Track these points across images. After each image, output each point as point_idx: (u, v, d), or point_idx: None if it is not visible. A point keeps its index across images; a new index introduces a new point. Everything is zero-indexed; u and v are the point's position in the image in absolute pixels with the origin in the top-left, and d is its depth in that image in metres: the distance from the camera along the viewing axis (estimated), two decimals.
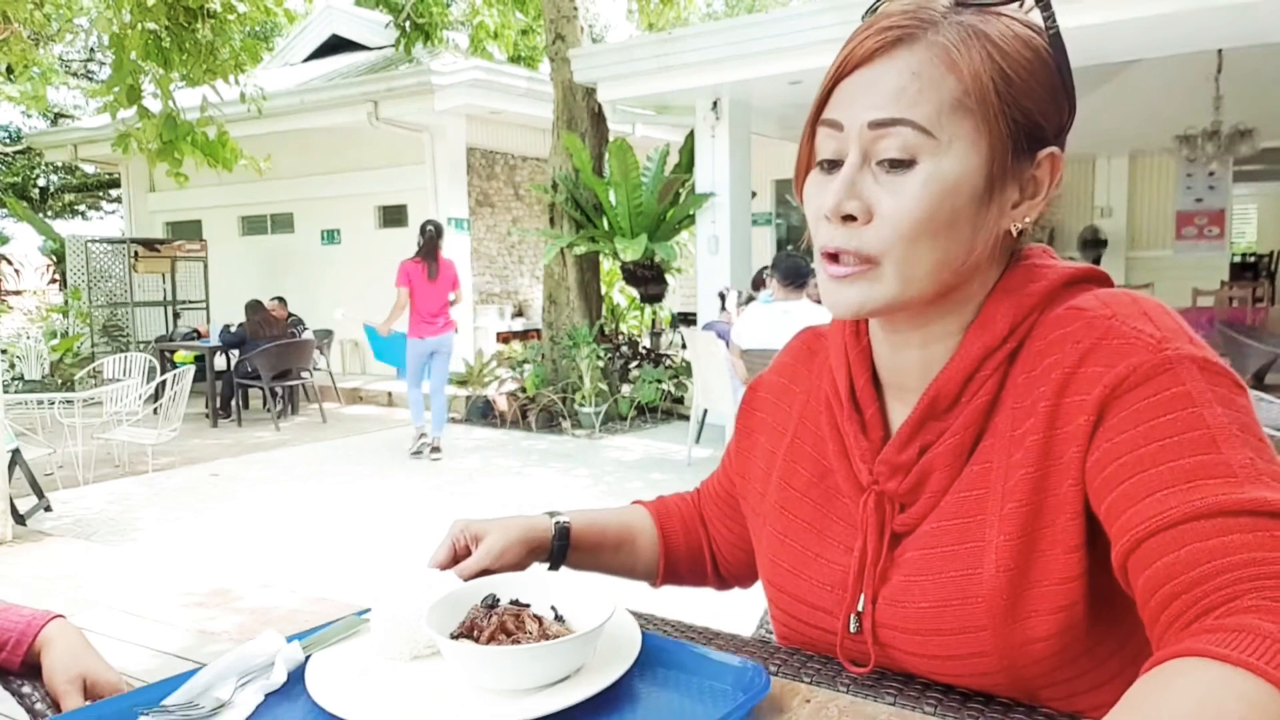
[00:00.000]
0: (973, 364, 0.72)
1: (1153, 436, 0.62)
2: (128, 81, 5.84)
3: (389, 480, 5.97)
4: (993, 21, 0.69)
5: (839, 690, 0.72)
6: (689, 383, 7.30)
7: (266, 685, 0.74)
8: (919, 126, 0.66)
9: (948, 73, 0.67)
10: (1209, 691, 0.49)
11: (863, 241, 0.69)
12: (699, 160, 7.88)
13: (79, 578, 4.10)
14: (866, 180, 0.68)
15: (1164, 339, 0.65)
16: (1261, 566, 0.55)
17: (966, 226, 0.69)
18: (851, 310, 0.72)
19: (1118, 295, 0.70)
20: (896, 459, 0.74)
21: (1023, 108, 0.68)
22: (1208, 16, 5.38)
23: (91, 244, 10.84)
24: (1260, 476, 0.58)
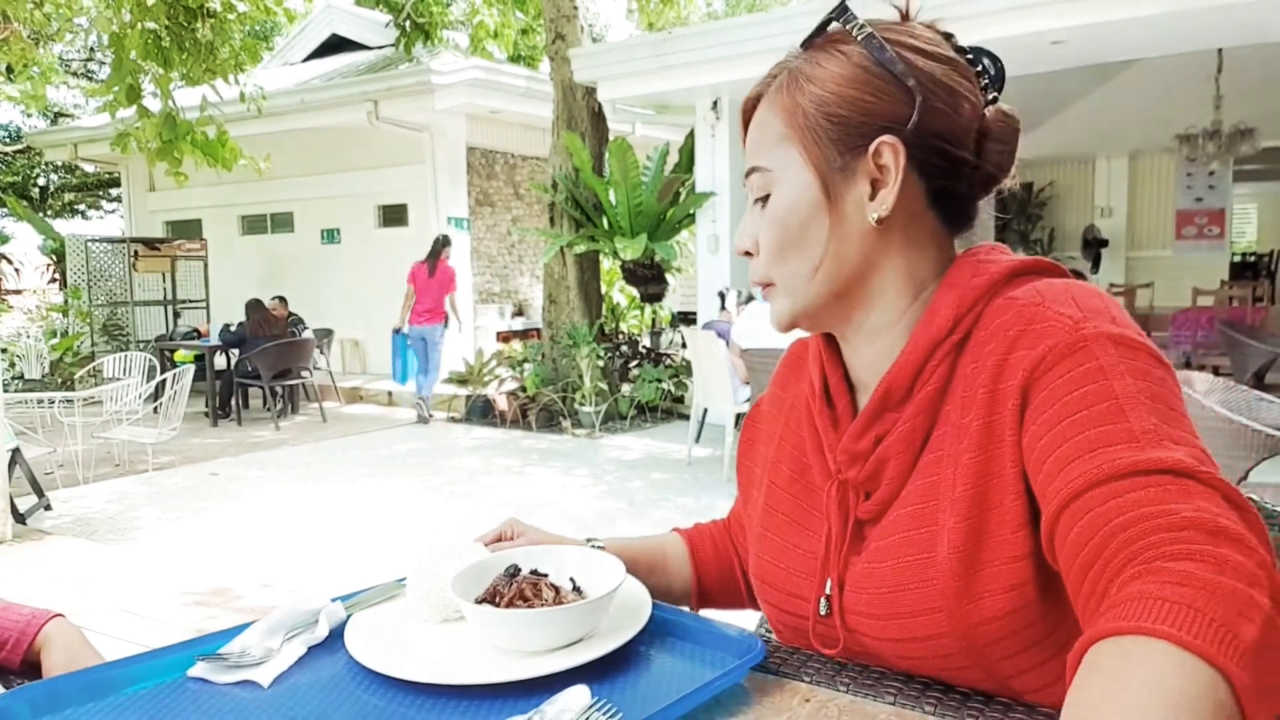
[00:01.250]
0: (921, 356, 0.76)
1: (1065, 412, 0.65)
2: (127, 81, 5.84)
3: (389, 480, 5.97)
4: (815, 56, 0.79)
5: (839, 690, 0.72)
6: (689, 382, 7.30)
7: (310, 639, 0.81)
8: (761, 169, 0.80)
9: (773, 117, 0.79)
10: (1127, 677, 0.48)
11: (757, 271, 0.82)
12: (699, 160, 7.89)
13: (79, 577, 4.10)
14: (754, 218, 0.82)
15: (1082, 319, 0.68)
16: (1151, 520, 0.56)
17: (821, 231, 0.78)
18: (779, 325, 0.83)
19: (1052, 284, 0.73)
20: (853, 447, 0.79)
21: (833, 116, 0.76)
22: (1208, 16, 5.38)
23: (91, 243, 10.84)
24: (1161, 440, 0.60)
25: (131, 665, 0.77)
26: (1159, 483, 0.58)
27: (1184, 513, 0.55)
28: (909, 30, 0.79)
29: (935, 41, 0.79)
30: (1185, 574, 0.51)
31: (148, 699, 0.73)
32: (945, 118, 0.76)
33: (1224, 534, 0.54)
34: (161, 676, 0.76)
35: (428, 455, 6.76)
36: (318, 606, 0.85)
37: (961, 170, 0.78)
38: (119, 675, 0.75)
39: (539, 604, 0.79)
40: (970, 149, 0.78)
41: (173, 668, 0.77)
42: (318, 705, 0.71)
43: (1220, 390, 3.24)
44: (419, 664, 0.75)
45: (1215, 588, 0.50)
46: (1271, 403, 3.21)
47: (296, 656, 0.79)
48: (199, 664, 0.76)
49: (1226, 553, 0.52)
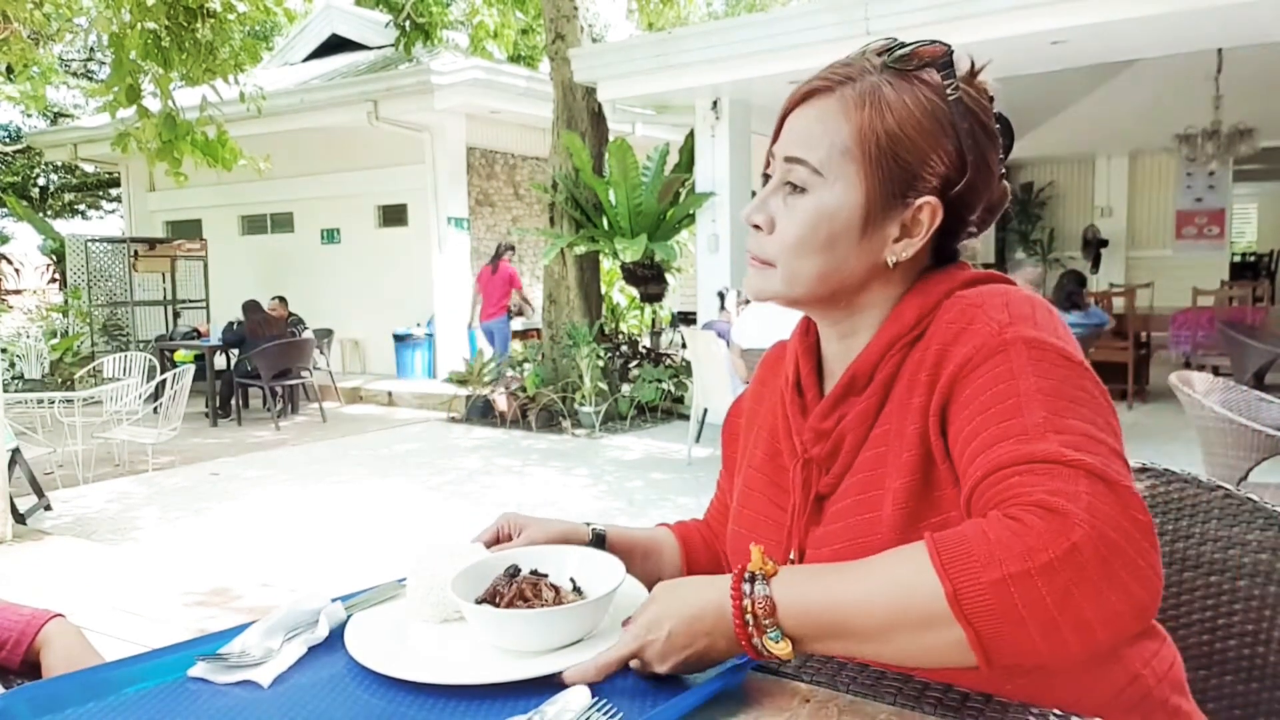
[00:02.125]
0: (884, 348, 0.84)
1: (978, 409, 0.74)
2: (127, 81, 5.83)
3: (389, 480, 5.97)
4: (900, 83, 0.82)
5: (839, 690, 0.72)
6: (689, 382, 7.30)
7: (310, 639, 0.82)
8: (810, 166, 0.83)
9: (844, 123, 0.82)
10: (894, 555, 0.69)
11: (763, 247, 0.87)
12: (699, 160, 7.88)
13: (79, 577, 4.10)
14: (777, 199, 0.85)
15: (1008, 324, 0.76)
16: (1011, 494, 0.67)
17: (843, 249, 0.83)
18: (754, 294, 0.89)
19: (995, 288, 0.82)
20: (819, 425, 0.88)
21: (902, 161, 0.82)
22: (1208, 16, 5.38)
23: (91, 243, 10.84)
24: (1046, 434, 0.69)
25: (132, 665, 0.77)
26: (1030, 470, 0.67)
27: (1035, 494, 0.65)
28: (977, 95, 0.85)
29: (988, 110, 0.86)
30: (988, 521, 0.65)
31: (148, 699, 0.73)
32: (976, 193, 0.85)
33: (1048, 508, 0.64)
34: (162, 676, 0.76)
35: (427, 455, 6.76)
36: (318, 607, 0.86)
37: (965, 230, 0.88)
38: (119, 675, 0.76)
39: (539, 604, 0.80)
40: (978, 215, 0.88)
41: (173, 668, 0.77)
42: (317, 705, 0.71)
43: (1220, 390, 3.24)
44: (419, 664, 0.75)
45: (998, 539, 0.63)
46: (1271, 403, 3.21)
47: (296, 656, 0.80)
48: (199, 664, 0.77)
49: (1033, 523, 0.63)
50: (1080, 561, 0.61)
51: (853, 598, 0.68)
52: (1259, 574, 1.06)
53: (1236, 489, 1.10)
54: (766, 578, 0.71)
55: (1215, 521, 1.10)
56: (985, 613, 0.62)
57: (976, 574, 0.62)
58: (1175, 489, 1.14)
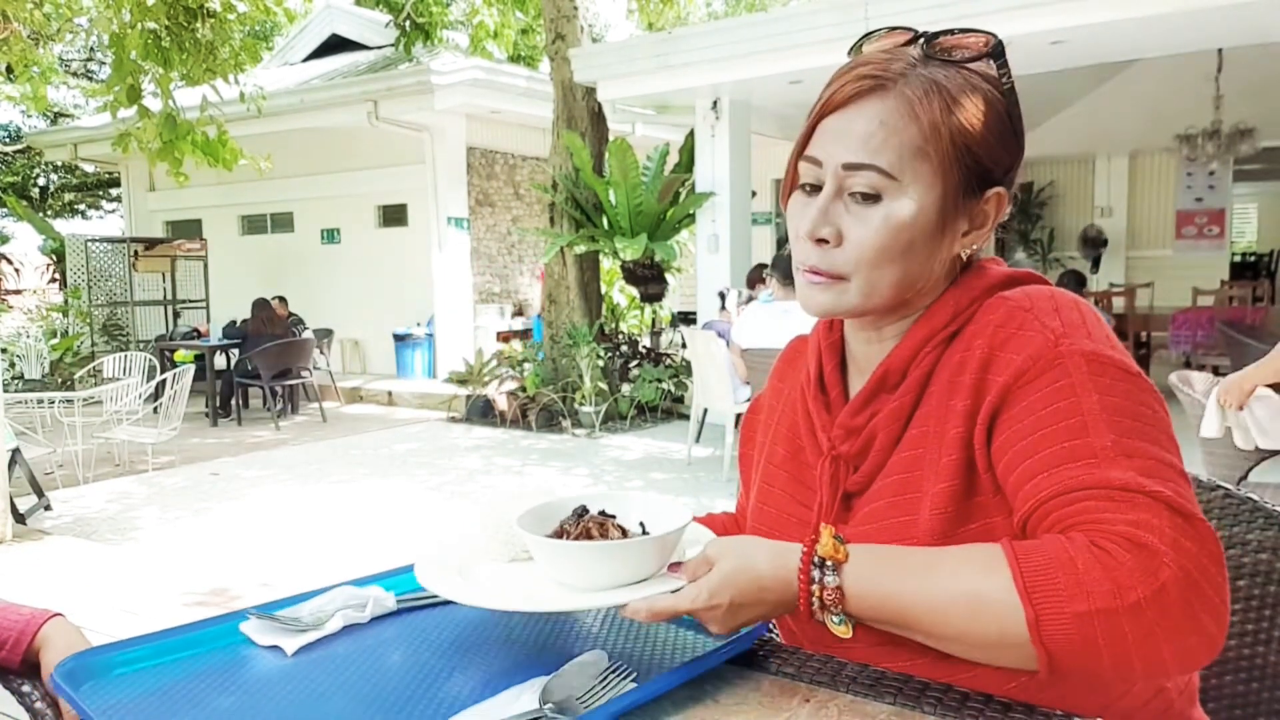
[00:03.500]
0: (918, 345, 0.83)
1: (1037, 426, 0.73)
2: (127, 81, 5.83)
3: (389, 480, 5.97)
4: (954, 75, 0.80)
5: (839, 690, 0.72)
6: (689, 382, 7.30)
7: (351, 618, 0.88)
8: (883, 171, 0.78)
9: (910, 122, 0.78)
10: (971, 551, 0.70)
11: (834, 262, 0.81)
12: (699, 159, 7.88)
13: (79, 577, 4.10)
14: (839, 209, 0.81)
15: (1063, 334, 0.75)
16: (1090, 516, 0.67)
17: (922, 253, 0.81)
18: (822, 312, 0.85)
19: (1041, 291, 0.81)
20: (850, 422, 0.86)
21: (974, 154, 0.80)
22: (1208, 16, 5.38)
23: (91, 243, 10.84)
24: (1116, 457, 0.69)
25: (193, 630, 0.86)
26: (1108, 497, 0.67)
27: (1118, 526, 0.65)
28: (1013, 79, 0.83)
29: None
30: (1075, 546, 0.64)
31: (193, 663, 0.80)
32: (1018, 175, 0.85)
33: (1136, 544, 0.63)
34: (216, 643, 0.84)
35: (427, 455, 6.76)
36: (370, 594, 0.92)
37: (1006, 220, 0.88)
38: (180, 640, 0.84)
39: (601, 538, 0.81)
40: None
41: (227, 634, 0.85)
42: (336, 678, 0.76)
43: None
44: (486, 593, 0.80)
45: (1087, 570, 0.63)
46: None
47: (332, 630, 0.86)
48: (251, 619, 0.85)
49: (1123, 558, 0.63)
50: (1166, 603, 0.62)
51: (927, 600, 0.68)
52: (1259, 574, 1.06)
53: (1236, 489, 1.10)
54: (837, 565, 0.71)
55: (1215, 521, 1.10)
56: (1065, 642, 0.63)
57: (1062, 604, 0.62)
58: None
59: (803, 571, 0.71)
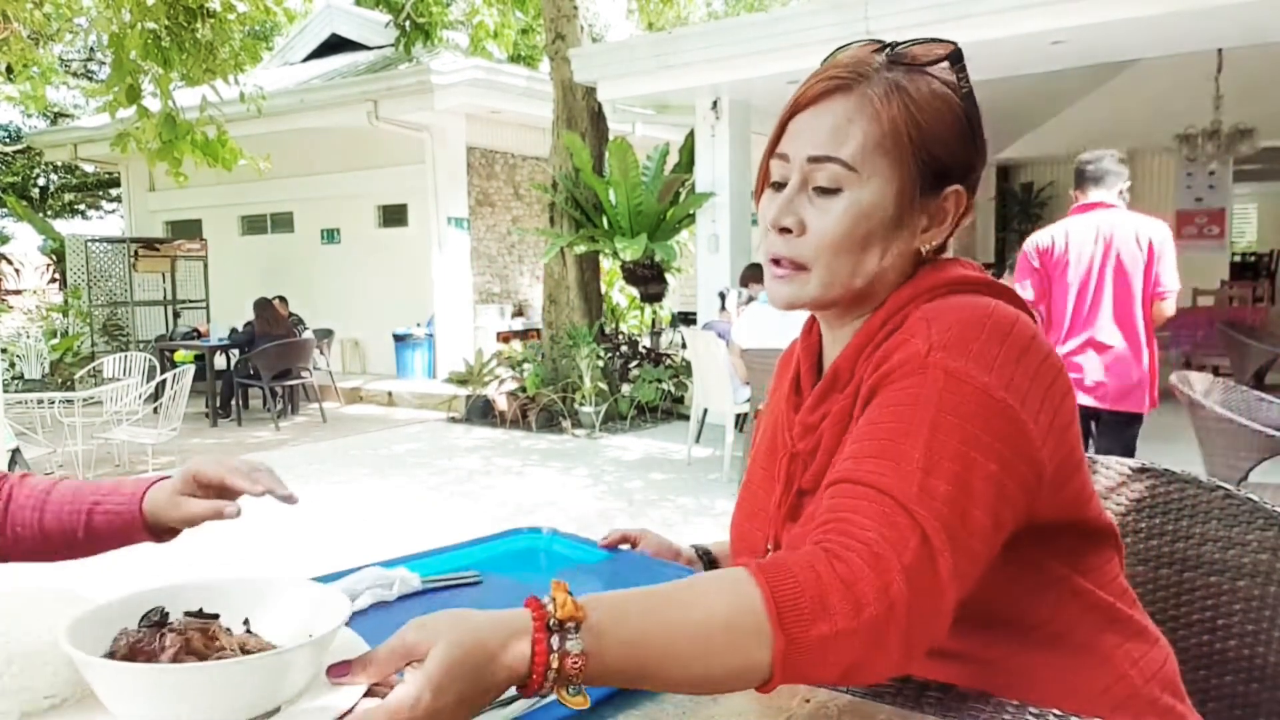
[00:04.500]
0: (862, 343, 0.85)
1: (875, 417, 0.76)
2: (127, 81, 5.83)
3: (388, 480, 5.97)
4: (916, 78, 0.83)
5: (839, 690, 0.72)
6: (689, 382, 7.30)
7: (379, 595, 0.94)
8: (844, 163, 0.81)
9: (872, 120, 0.81)
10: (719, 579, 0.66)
11: (796, 250, 0.84)
12: (699, 159, 7.88)
13: (78, 577, 4.10)
14: (803, 201, 0.84)
15: (940, 347, 0.76)
16: (848, 522, 0.68)
17: (879, 244, 0.83)
18: (785, 303, 0.87)
19: (957, 303, 0.80)
20: (806, 419, 0.89)
21: (931, 152, 0.82)
22: (1208, 16, 5.38)
23: (91, 243, 10.84)
24: (913, 471, 0.69)
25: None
26: (876, 501, 0.68)
27: (868, 533, 0.66)
28: (971, 85, 0.87)
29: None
30: (818, 563, 0.64)
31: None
32: (980, 177, 0.88)
33: (874, 556, 0.64)
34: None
35: (427, 455, 6.76)
36: (398, 575, 0.96)
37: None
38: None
39: (218, 655, 0.57)
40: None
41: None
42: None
43: (1220, 390, 3.24)
44: None
45: (829, 588, 0.63)
46: (1271, 403, 3.21)
47: (361, 606, 0.92)
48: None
49: (860, 570, 0.64)
50: (894, 620, 0.63)
51: (672, 634, 0.63)
52: (1259, 574, 1.06)
53: (1236, 489, 1.10)
54: (578, 625, 0.60)
55: (1215, 521, 1.10)
56: (804, 665, 0.62)
57: (807, 628, 0.62)
58: (1175, 489, 1.14)
59: (538, 641, 0.59)
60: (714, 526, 4.59)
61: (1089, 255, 3.62)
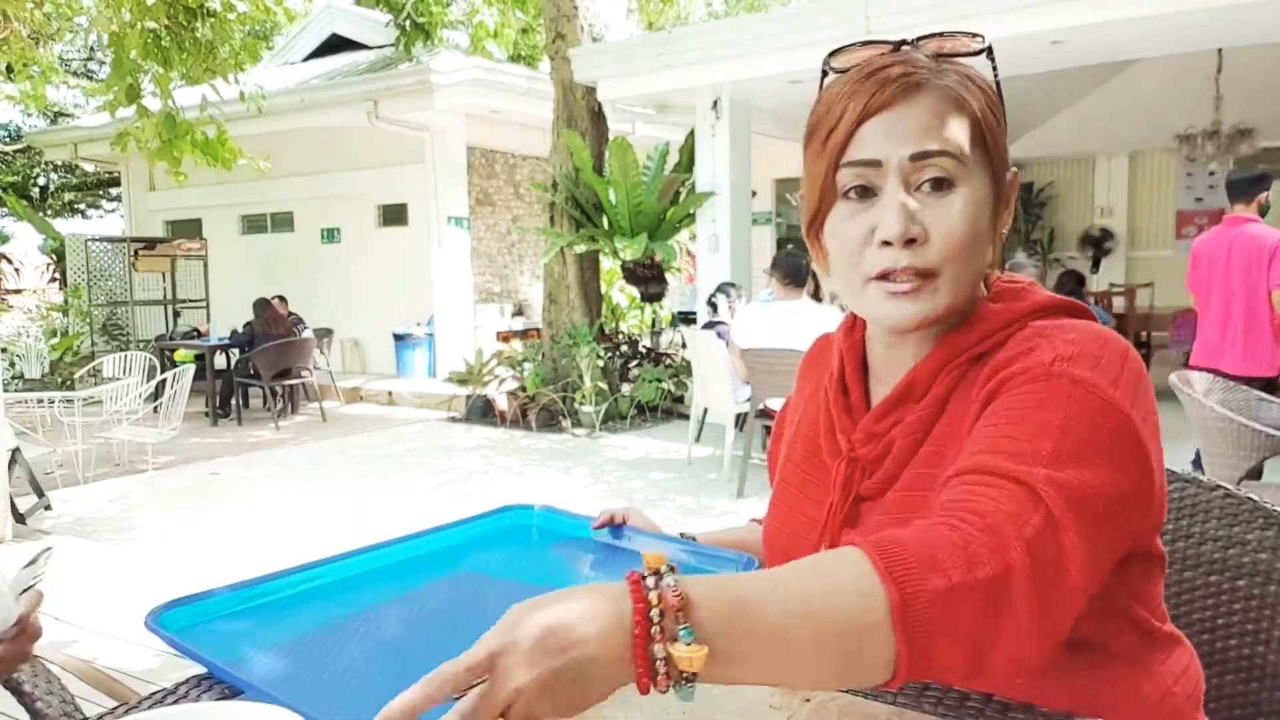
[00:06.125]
0: (944, 360, 0.83)
1: (994, 418, 0.73)
2: (127, 80, 5.83)
3: (388, 479, 5.97)
4: (971, 70, 0.83)
5: (839, 690, 0.72)
6: (689, 382, 7.30)
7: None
8: (954, 155, 0.78)
9: (958, 111, 0.79)
10: (827, 558, 0.61)
11: (926, 259, 0.79)
12: (699, 159, 7.88)
13: (79, 577, 4.10)
14: (913, 205, 0.79)
15: (1065, 358, 0.74)
16: (958, 503, 0.65)
17: (987, 239, 0.82)
18: (916, 321, 0.80)
19: (1064, 324, 0.80)
20: (873, 427, 0.86)
21: (998, 139, 0.82)
22: (1208, 16, 5.38)
23: (91, 243, 10.84)
24: (1038, 464, 0.67)
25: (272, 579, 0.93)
26: (998, 486, 0.65)
27: (985, 506, 0.64)
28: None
29: None
30: (934, 531, 0.61)
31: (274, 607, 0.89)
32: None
33: (991, 526, 0.62)
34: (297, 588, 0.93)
35: (427, 455, 6.76)
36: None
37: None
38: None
39: None
40: None
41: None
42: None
43: (1220, 390, 3.24)
44: None
45: (938, 546, 0.59)
46: (1271, 403, 3.21)
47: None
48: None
49: (972, 534, 0.61)
50: (1012, 585, 0.59)
51: (782, 595, 0.57)
52: (1259, 574, 1.07)
53: (1236, 489, 1.10)
54: (672, 571, 0.56)
55: (1215, 521, 1.10)
56: (927, 625, 0.56)
57: (920, 583, 0.57)
58: (1175, 489, 1.14)
59: (632, 581, 0.56)
60: (714, 525, 4.58)
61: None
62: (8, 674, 0.77)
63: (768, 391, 5.01)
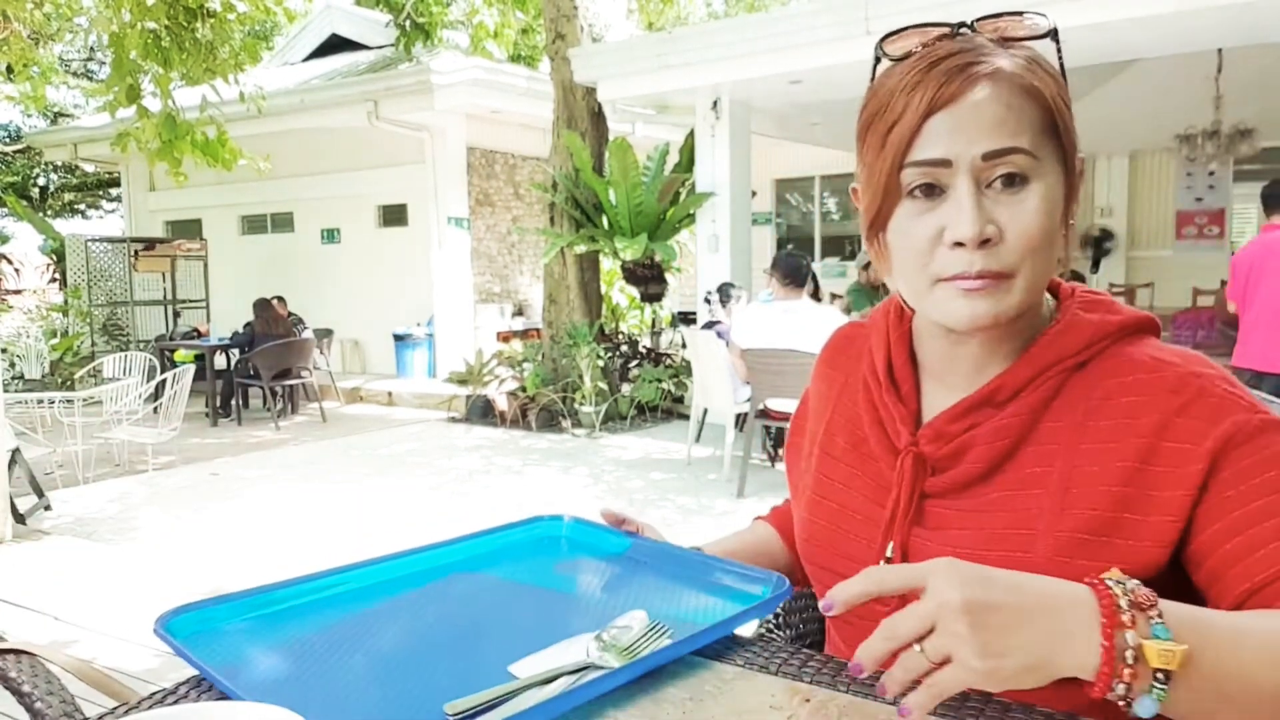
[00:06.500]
0: (1041, 367, 0.80)
1: (1263, 491, 0.70)
2: (127, 81, 5.83)
3: (388, 479, 5.97)
4: (1033, 53, 0.78)
5: (839, 690, 0.72)
6: (689, 382, 7.30)
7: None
8: (1028, 152, 0.74)
9: (1030, 100, 0.75)
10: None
11: (1003, 260, 0.74)
12: (699, 159, 7.88)
13: (79, 577, 4.10)
14: (986, 203, 0.74)
15: (1254, 404, 0.74)
16: None
17: (1058, 235, 0.77)
18: (990, 320, 0.76)
19: (1189, 355, 0.79)
20: (945, 428, 0.82)
21: (1069, 125, 0.77)
22: (1208, 16, 5.38)
23: (91, 243, 10.85)
24: None
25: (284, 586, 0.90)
26: None
27: None
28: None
29: None
30: None
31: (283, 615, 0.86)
32: None
33: None
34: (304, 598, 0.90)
35: (427, 455, 6.77)
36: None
37: None
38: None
39: None
40: None
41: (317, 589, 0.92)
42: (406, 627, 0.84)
43: None
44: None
45: None
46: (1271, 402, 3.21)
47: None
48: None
49: None
50: None
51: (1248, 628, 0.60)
52: None
53: None
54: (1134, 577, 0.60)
55: None
56: None
57: None
58: None
59: (1095, 578, 0.59)
60: (714, 525, 4.60)
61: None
62: None
63: (768, 392, 5.01)
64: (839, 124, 9.13)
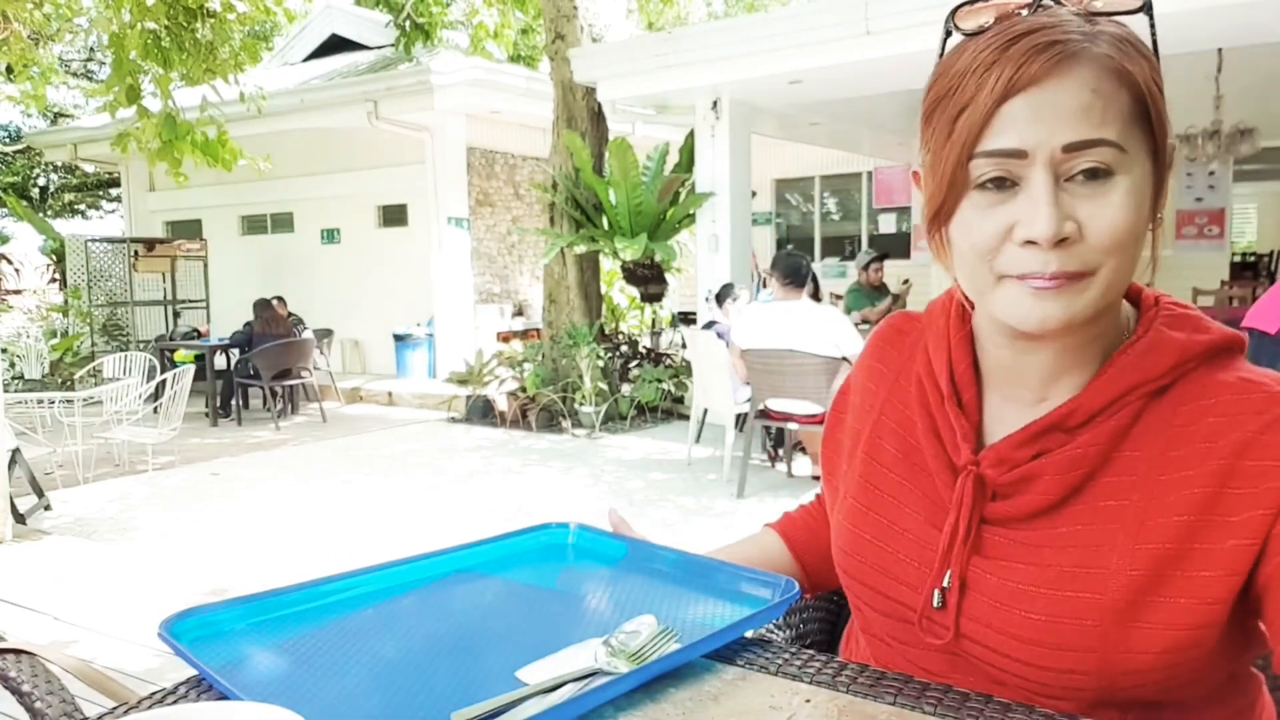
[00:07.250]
0: (1120, 391, 0.72)
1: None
2: (127, 81, 5.83)
3: (388, 480, 5.97)
4: (1127, 30, 0.70)
5: (839, 690, 0.72)
6: (689, 382, 7.30)
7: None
8: (1115, 144, 0.66)
9: (1121, 85, 0.67)
10: None
11: (1082, 259, 0.67)
12: (699, 159, 7.89)
13: (79, 577, 4.10)
14: (1065, 199, 0.67)
15: None
16: None
17: (1143, 234, 0.70)
18: (1062, 323, 0.69)
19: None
20: (1011, 454, 0.75)
21: (1162, 112, 0.69)
22: (1208, 16, 5.38)
23: (91, 243, 10.85)
24: None
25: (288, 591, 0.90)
26: None
27: None
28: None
29: None
30: None
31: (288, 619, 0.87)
32: None
33: None
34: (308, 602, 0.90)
35: (427, 455, 6.77)
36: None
37: None
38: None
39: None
40: None
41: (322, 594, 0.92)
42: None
43: None
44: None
45: None
46: None
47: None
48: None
49: None
50: None
51: None
52: None
53: None
54: None
55: None
56: None
57: None
58: None
59: None
60: (713, 526, 4.60)
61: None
62: None
63: (767, 392, 5.01)
64: (839, 124, 9.14)
